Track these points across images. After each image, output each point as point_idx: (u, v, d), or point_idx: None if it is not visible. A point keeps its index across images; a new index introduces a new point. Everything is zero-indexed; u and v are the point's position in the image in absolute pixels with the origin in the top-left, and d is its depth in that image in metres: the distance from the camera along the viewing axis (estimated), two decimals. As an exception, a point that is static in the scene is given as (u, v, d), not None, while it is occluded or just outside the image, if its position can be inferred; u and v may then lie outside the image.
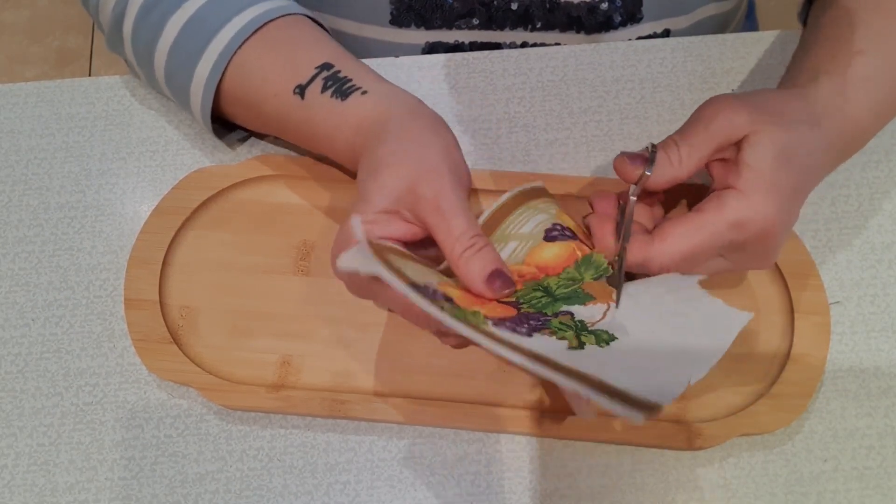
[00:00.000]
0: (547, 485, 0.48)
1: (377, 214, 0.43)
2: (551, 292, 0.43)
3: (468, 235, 0.42)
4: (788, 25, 0.60)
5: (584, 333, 0.41)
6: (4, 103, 0.59)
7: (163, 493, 0.48)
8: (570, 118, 0.57)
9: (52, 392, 0.51)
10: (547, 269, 0.44)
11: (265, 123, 0.53)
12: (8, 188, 0.56)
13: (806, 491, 0.48)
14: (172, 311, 0.51)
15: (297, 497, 0.48)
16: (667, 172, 0.43)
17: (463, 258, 0.42)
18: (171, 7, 0.51)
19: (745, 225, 0.42)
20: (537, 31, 0.61)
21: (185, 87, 0.52)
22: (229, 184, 0.54)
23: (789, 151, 0.42)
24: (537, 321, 0.41)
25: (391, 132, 0.45)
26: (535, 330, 0.40)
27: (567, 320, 0.42)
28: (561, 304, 0.43)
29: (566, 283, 0.44)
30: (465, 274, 0.42)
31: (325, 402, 0.48)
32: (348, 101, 0.47)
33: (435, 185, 0.42)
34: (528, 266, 0.44)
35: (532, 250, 0.45)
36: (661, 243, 0.42)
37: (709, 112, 0.43)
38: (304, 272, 0.52)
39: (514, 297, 0.43)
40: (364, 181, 0.44)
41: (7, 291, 0.53)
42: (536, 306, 0.42)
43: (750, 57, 0.59)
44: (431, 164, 0.43)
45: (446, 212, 0.42)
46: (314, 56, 0.49)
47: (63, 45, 1.58)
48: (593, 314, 0.43)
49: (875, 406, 0.49)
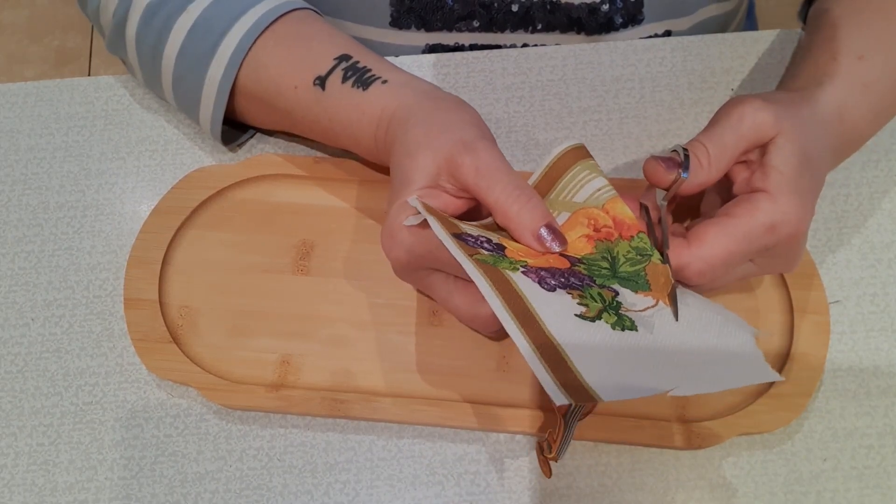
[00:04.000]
0: (546, 484, 0.48)
1: (421, 191, 0.43)
2: (616, 267, 0.43)
3: (513, 190, 0.42)
4: (788, 25, 0.60)
5: (610, 312, 0.40)
6: (4, 103, 0.59)
7: (162, 493, 0.48)
8: (570, 117, 0.57)
9: (52, 391, 0.51)
10: (621, 225, 0.44)
11: (281, 118, 0.53)
12: (7, 188, 0.56)
13: (805, 490, 0.48)
14: (172, 311, 0.51)
15: (296, 496, 0.48)
16: (699, 176, 0.42)
17: (512, 212, 0.42)
18: (175, 10, 0.51)
19: (778, 228, 0.41)
20: (538, 33, 0.61)
21: (195, 90, 0.52)
22: (229, 183, 0.54)
23: (809, 153, 0.43)
24: (579, 281, 0.41)
25: (418, 117, 0.45)
26: (565, 286, 0.40)
27: (607, 295, 0.41)
28: (615, 282, 0.42)
29: (634, 257, 0.43)
30: (515, 228, 0.42)
31: (325, 401, 0.48)
32: (370, 90, 0.48)
33: (472, 151, 0.42)
34: (605, 214, 0.44)
35: (610, 200, 0.44)
36: (698, 248, 0.41)
37: (736, 113, 0.43)
38: (304, 272, 0.52)
39: (582, 258, 0.43)
40: (400, 164, 0.44)
41: (7, 291, 0.53)
42: (595, 273, 0.42)
43: (749, 56, 0.59)
44: (465, 135, 0.43)
45: (489, 172, 0.42)
46: (330, 48, 0.49)
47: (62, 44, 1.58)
48: (635, 303, 0.42)
49: (874, 405, 0.49)
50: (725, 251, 0.41)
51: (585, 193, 0.45)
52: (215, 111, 0.51)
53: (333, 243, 0.53)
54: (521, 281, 0.39)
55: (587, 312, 0.39)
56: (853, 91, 0.46)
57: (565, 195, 0.45)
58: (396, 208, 0.43)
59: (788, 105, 0.44)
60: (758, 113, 0.42)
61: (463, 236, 0.40)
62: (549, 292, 0.39)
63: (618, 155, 0.56)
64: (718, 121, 0.43)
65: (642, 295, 0.42)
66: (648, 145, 0.56)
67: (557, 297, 0.39)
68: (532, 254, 0.42)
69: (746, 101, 0.43)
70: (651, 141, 0.56)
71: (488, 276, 0.38)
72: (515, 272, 0.39)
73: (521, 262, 0.41)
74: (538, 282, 0.39)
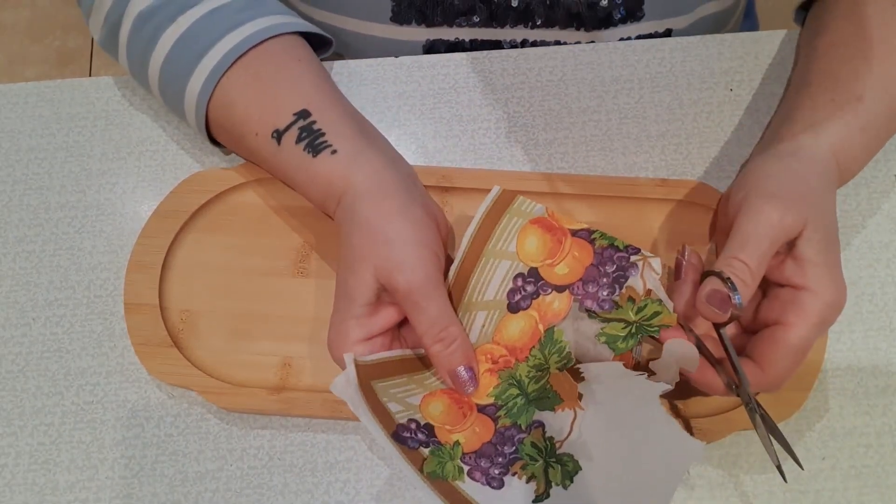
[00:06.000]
0: (546, 483, 0.48)
1: (363, 308, 0.45)
2: (524, 388, 0.47)
3: (437, 328, 0.45)
4: (789, 24, 0.60)
5: (552, 463, 0.45)
6: (4, 103, 0.59)
7: (163, 492, 0.48)
8: (569, 118, 0.57)
9: (53, 391, 0.51)
10: (515, 351, 0.47)
11: (245, 155, 0.54)
12: (8, 188, 0.56)
13: (804, 489, 0.48)
14: (173, 315, 0.51)
15: (296, 495, 0.48)
16: (745, 295, 0.43)
17: (433, 351, 0.45)
18: (165, 20, 0.51)
19: (828, 319, 0.44)
20: (538, 28, 0.62)
21: (179, 99, 0.52)
22: (228, 187, 0.54)
23: (830, 226, 0.45)
24: (511, 447, 0.45)
25: (360, 219, 0.46)
26: (506, 469, 0.45)
27: (538, 439, 0.46)
28: (534, 410, 0.46)
29: (536, 374, 0.47)
30: (435, 363, 0.46)
31: (327, 403, 0.48)
32: (318, 158, 0.48)
33: (406, 275, 0.44)
34: (498, 346, 0.47)
35: (499, 326, 0.48)
36: (772, 370, 0.43)
37: (764, 221, 0.43)
38: (304, 274, 0.52)
39: (493, 398, 0.46)
40: (344, 274, 0.46)
41: (8, 291, 0.53)
42: (512, 412, 0.46)
43: (748, 57, 0.59)
44: (403, 255, 0.45)
45: (418, 304, 0.44)
46: (294, 99, 0.50)
47: (63, 44, 1.58)
48: (562, 427, 0.46)
49: (873, 404, 0.49)
50: (794, 362, 0.43)
51: (495, 285, 0.48)
52: (198, 121, 0.52)
53: (332, 245, 0.53)
54: (471, 488, 0.44)
55: (538, 491, 0.44)
56: (850, 136, 0.48)
57: (477, 295, 0.48)
58: (339, 328, 0.45)
59: (805, 189, 0.45)
60: (786, 217, 0.43)
61: (398, 435, 0.44)
62: (499, 490, 0.44)
63: (617, 155, 0.56)
64: (746, 231, 0.44)
65: (560, 410, 0.46)
66: (647, 145, 0.56)
67: (509, 491, 0.44)
68: (460, 413, 0.46)
69: (769, 205, 0.44)
70: (650, 141, 0.56)
71: (439, 490, 0.43)
72: (464, 481, 0.44)
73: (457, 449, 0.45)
74: (486, 482, 0.44)
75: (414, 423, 0.45)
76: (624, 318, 0.46)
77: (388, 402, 0.45)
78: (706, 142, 0.56)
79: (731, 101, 0.57)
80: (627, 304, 0.46)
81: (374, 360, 0.45)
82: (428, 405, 0.46)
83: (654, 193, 0.53)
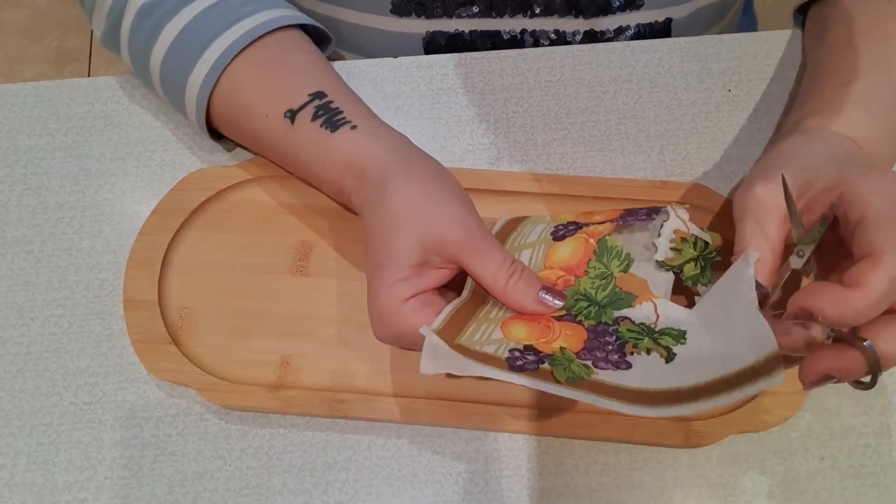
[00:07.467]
0: (545, 483, 0.48)
1: (411, 269, 0.44)
2: (593, 299, 0.46)
3: (506, 266, 0.44)
4: (787, 24, 0.60)
5: (660, 337, 0.43)
6: (3, 103, 0.59)
7: (162, 492, 0.48)
8: (568, 118, 0.57)
9: (52, 391, 0.51)
10: (571, 269, 0.46)
11: (250, 141, 0.53)
12: (7, 188, 0.56)
13: (803, 489, 0.48)
14: (172, 312, 0.51)
15: (296, 495, 0.48)
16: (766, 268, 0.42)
17: (509, 287, 0.44)
18: (167, 13, 0.51)
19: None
20: (537, 17, 0.62)
21: (180, 94, 0.52)
22: (228, 184, 0.54)
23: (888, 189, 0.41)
24: (611, 336, 0.43)
25: (395, 183, 0.45)
26: (622, 352, 0.42)
27: (632, 326, 0.44)
28: (611, 311, 0.45)
29: (600, 283, 0.46)
30: (514, 301, 0.44)
31: (325, 401, 0.48)
32: (337, 133, 0.48)
33: (460, 228, 0.44)
34: (552, 269, 0.46)
35: (547, 254, 0.47)
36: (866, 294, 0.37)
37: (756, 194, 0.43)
38: (303, 272, 0.52)
39: (566, 311, 0.45)
40: (386, 238, 0.44)
41: (6, 291, 0.53)
42: (589, 316, 0.45)
43: (746, 57, 0.59)
44: (450, 210, 0.44)
45: (479, 250, 0.44)
46: (308, 82, 0.50)
47: (62, 44, 1.58)
48: (648, 315, 0.45)
49: (871, 404, 0.49)
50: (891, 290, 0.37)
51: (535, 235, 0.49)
52: (198, 115, 0.52)
53: (332, 244, 0.53)
54: (610, 376, 0.41)
55: (661, 354, 0.42)
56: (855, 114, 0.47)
57: (519, 241, 0.49)
58: (388, 293, 0.43)
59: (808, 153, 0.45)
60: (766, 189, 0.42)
61: (514, 366, 0.41)
62: (631, 369, 0.41)
63: (616, 155, 0.56)
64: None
65: (637, 305, 0.45)
66: (646, 145, 0.56)
67: (640, 366, 0.41)
68: (542, 327, 0.44)
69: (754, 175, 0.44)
70: (649, 141, 0.56)
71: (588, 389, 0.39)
72: (597, 373, 0.41)
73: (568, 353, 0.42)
74: (615, 367, 0.42)
75: (516, 351, 0.42)
76: (689, 257, 0.46)
77: (483, 348, 0.43)
78: (704, 142, 0.56)
79: (729, 101, 0.58)
80: (683, 244, 0.47)
81: (444, 321, 0.43)
82: (511, 332, 0.44)
83: (654, 195, 0.53)
